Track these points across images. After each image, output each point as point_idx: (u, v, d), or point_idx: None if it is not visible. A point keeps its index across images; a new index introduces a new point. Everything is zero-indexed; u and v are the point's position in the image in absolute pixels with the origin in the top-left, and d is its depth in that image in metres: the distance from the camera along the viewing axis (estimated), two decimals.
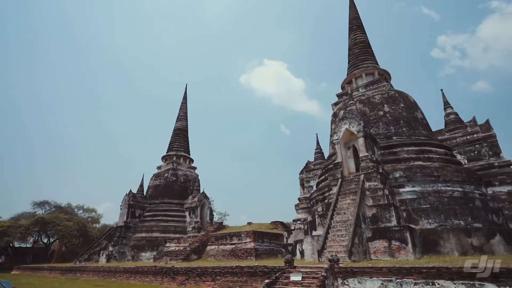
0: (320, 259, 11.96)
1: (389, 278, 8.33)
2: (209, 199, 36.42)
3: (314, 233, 16.17)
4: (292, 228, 25.68)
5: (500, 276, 6.77)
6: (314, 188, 23.58)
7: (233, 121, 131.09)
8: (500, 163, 18.73)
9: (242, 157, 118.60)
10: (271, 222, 31.15)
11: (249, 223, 31.45)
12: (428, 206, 14.94)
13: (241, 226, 30.07)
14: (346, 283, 9.12)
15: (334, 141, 17.61)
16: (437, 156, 17.66)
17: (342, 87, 26.72)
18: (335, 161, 17.09)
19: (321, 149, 30.34)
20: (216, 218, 45.17)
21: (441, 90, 26.27)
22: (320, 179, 22.14)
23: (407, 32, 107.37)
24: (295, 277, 9.12)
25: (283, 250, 22.52)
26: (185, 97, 47.32)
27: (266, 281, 9.49)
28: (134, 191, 37.65)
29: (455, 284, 7.40)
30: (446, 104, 25.40)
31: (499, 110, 75.38)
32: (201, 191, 36.14)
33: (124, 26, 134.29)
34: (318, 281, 8.63)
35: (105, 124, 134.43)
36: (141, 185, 39.26)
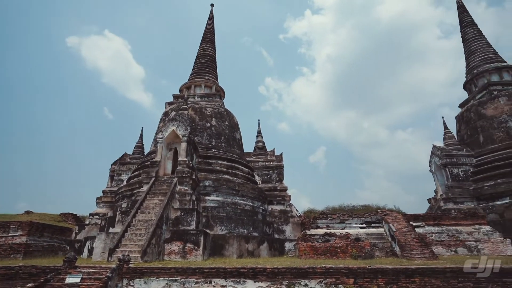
0: (110, 258, 11.09)
1: (174, 278, 8.76)
2: None
3: (111, 230, 14.89)
4: (87, 223, 22.61)
5: (257, 274, 8.58)
6: (125, 182, 22.01)
7: (43, 84, 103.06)
8: (281, 187, 24.23)
9: (40, 130, 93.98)
10: (61, 213, 26.22)
11: (27, 212, 25.10)
12: (225, 215, 17.13)
13: (14, 215, 23.48)
14: (132, 284, 8.83)
15: (158, 139, 17.33)
16: (242, 174, 20.78)
17: (181, 90, 27.08)
18: (154, 159, 16.77)
19: (143, 144, 29.03)
20: None
21: (258, 120, 31.77)
22: (133, 174, 20.97)
23: (246, 63, 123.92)
24: (72, 279, 7.96)
25: (68, 248, 19.30)
26: None
27: (30, 285, 7.75)
28: None
29: (227, 281, 8.72)
30: (259, 133, 30.67)
31: (291, 148, 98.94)
32: None
33: None
34: (100, 283, 7.90)
35: None
36: None
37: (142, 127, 30.90)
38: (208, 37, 31.51)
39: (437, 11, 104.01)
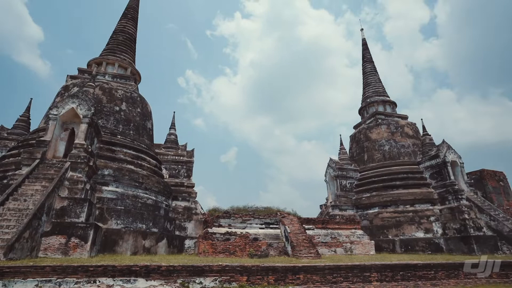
0: None
1: (48, 278, 7.59)
2: None
3: None
4: None
5: (151, 272, 8.17)
6: None
7: None
8: (188, 183, 23.71)
9: None
10: None
11: None
12: (123, 208, 15.78)
13: None
14: None
15: (51, 116, 14.82)
16: (148, 166, 19.52)
17: (89, 65, 23.89)
18: (42, 138, 14.26)
19: (29, 119, 24.51)
20: None
21: (174, 112, 30.53)
22: (10, 152, 17.41)
23: (167, 51, 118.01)
24: None
25: None
26: None
27: None
28: None
29: (114, 280, 8.01)
30: (172, 125, 29.40)
31: (204, 145, 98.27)
32: None
33: None
34: None
35: None
36: None
37: (31, 99, 25.78)
38: (131, 13, 28.77)
39: (347, 43, 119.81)
